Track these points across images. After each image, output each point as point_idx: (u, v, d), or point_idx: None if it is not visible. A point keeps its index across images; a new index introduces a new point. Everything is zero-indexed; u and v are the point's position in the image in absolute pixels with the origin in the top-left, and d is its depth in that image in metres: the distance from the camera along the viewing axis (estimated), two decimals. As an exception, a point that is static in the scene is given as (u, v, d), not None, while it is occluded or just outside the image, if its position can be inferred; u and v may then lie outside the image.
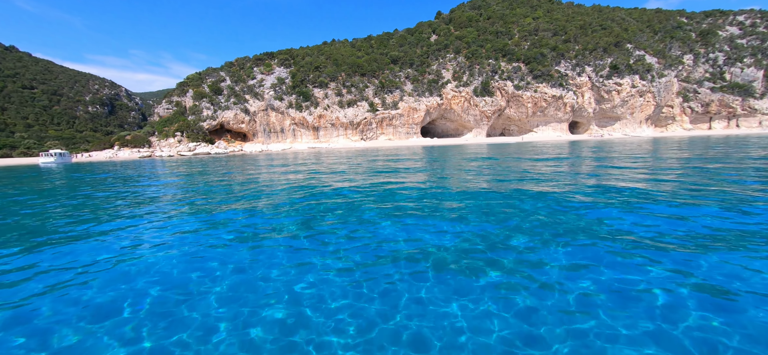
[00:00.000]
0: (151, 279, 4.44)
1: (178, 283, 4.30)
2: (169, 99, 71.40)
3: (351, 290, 3.85)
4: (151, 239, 6.29)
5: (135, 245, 5.91)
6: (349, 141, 72.25)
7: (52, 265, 5.13)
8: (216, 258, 5.09)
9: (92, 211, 9.49)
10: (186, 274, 4.58)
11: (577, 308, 3.33)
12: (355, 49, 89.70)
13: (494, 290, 3.72)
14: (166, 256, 5.32)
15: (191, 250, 5.54)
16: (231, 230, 6.65)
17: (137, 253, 5.51)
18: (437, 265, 4.44)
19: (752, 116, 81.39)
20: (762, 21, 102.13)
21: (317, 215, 7.70)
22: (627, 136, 72.57)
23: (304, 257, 4.99)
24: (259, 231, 6.54)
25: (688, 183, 9.97)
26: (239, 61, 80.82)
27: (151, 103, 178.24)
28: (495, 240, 5.32)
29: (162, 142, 61.07)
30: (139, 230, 6.98)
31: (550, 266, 4.24)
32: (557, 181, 11.56)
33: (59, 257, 5.53)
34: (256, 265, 4.74)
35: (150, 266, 4.91)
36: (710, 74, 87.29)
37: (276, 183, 14.17)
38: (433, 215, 7.11)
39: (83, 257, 5.41)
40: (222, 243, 5.80)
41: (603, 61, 74.38)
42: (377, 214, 7.41)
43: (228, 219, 7.63)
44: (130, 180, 18.55)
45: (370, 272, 4.33)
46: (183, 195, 12.29)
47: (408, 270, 4.30)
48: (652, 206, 7.18)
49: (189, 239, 6.18)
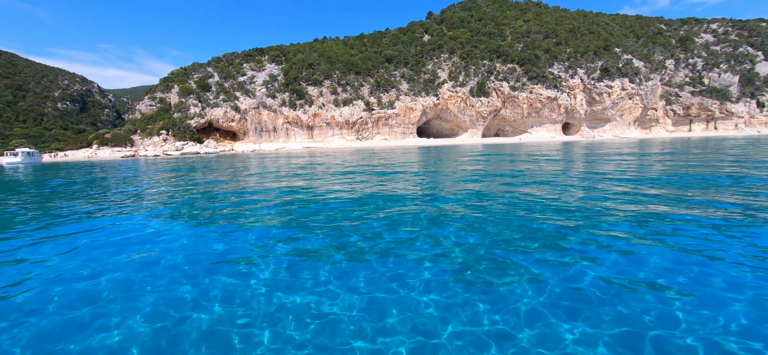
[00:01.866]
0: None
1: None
2: (151, 95, 66.95)
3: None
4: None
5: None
6: (344, 141, 70.22)
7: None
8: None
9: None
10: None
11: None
12: (348, 47, 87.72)
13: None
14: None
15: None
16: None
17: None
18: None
19: (729, 119, 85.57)
20: (733, 29, 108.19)
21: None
22: (617, 137, 74.37)
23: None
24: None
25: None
26: (227, 56, 77.06)
27: (125, 100, 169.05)
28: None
29: (146, 141, 56.97)
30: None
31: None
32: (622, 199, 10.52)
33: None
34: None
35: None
36: (690, 79, 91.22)
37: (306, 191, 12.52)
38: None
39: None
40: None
41: (594, 63, 76.01)
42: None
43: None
44: (119, 185, 16.21)
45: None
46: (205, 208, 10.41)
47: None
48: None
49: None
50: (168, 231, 6.95)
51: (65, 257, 5.55)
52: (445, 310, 3.49)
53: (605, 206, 7.70)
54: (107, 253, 5.68)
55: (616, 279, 4.04)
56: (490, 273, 4.34)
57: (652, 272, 4.24)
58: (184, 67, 71.68)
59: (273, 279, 4.41)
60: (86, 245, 6.18)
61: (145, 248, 5.84)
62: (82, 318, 3.56)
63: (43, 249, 6.03)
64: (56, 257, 5.59)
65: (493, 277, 4.23)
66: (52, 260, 5.41)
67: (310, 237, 6.17)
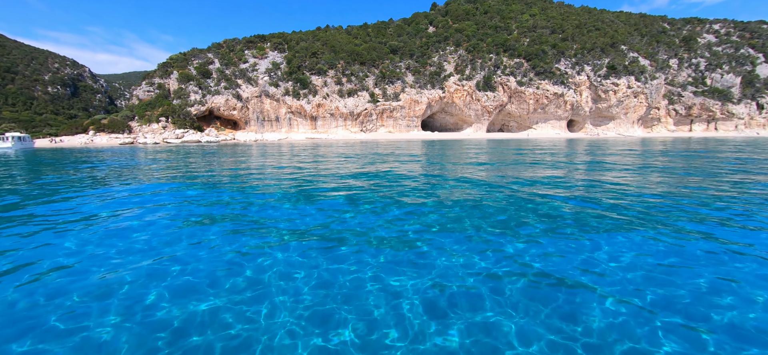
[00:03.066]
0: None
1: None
2: (149, 81, 64.55)
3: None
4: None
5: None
6: (348, 132, 68.86)
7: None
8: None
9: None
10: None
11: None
12: (352, 36, 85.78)
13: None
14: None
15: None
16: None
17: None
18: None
19: (729, 120, 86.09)
20: (735, 30, 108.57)
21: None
22: (620, 135, 74.22)
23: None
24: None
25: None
26: (228, 42, 74.62)
27: (117, 85, 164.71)
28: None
29: (145, 128, 54.95)
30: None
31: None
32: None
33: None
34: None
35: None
36: (693, 79, 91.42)
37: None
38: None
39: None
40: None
41: (601, 60, 75.45)
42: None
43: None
44: (126, 177, 14.98)
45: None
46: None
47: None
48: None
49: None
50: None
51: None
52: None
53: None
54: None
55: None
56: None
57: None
58: (183, 53, 69.22)
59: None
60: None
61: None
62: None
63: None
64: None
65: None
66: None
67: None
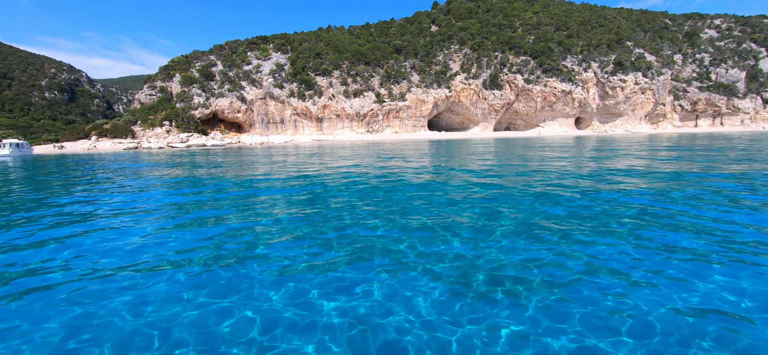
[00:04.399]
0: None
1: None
2: (151, 84, 63.14)
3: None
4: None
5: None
6: (354, 133, 67.77)
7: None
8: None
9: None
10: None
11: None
12: (354, 36, 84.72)
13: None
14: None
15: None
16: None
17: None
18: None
19: (735, 115, 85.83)
20: (736, 25, 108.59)
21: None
22: (628, 132, 73.65)
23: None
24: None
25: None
26: (230, 44, 73.30)
27: (114, 90, 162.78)
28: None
29: (148, 133, 53.55)
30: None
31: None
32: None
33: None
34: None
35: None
36: (697, 74, 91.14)
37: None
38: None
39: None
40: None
41: (607, 57, 74.89)
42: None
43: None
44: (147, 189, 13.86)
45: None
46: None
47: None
48: None
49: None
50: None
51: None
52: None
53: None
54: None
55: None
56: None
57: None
58: (185, 55, 67.83)
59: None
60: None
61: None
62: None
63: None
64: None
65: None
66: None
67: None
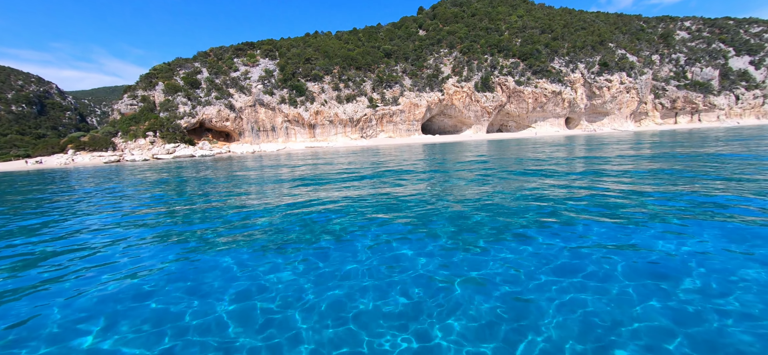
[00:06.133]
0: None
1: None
2: (132, 94, 59.66)
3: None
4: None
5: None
6: (348, 139, 66.28)
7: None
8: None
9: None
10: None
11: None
12: (343, 42, 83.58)
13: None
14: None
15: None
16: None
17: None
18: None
19: (711, 112, 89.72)
20: (705, 27, 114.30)
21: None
22: (616, 130, 75.44)
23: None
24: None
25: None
26: (215, 51, 70.59)
27: (87, 102, 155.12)
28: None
29: (130, 144, 50.26)
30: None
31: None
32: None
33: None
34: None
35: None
36: (674, 73, 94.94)
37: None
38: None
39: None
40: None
41: (592, 58, 76.75)
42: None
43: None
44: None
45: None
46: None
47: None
48: None
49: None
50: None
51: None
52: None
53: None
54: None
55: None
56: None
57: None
58: (167, 63, 64.67)
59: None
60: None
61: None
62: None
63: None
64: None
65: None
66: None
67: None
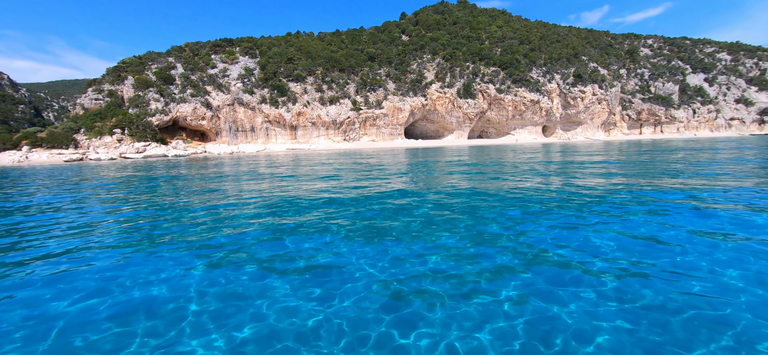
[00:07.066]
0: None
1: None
2: (97, 87, 55.40)
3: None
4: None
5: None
6: (331, 142, 64.98)
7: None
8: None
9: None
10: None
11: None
12: (326, 43, 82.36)
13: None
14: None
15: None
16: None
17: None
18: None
19: (672, 124, 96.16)
20: (665, 45, 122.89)
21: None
22: (588, 139, 78.94)
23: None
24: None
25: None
26: (191, 46, 67.19)
27: (42, 95, 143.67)
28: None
29: (95, 142, 46.46)
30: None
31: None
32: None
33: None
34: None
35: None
36: (639, 87, 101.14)
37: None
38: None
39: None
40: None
41: (567, 70, 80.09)
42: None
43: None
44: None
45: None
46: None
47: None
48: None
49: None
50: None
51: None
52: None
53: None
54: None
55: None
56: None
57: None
58: (138, 56, 60.75)
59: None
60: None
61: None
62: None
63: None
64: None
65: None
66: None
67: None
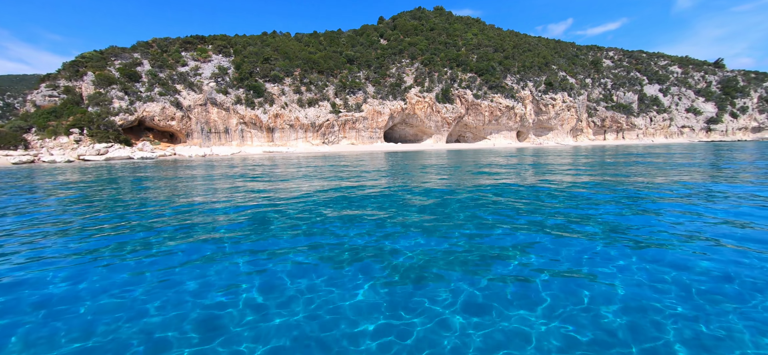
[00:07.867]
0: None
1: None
2: (51, 83, 50.61)
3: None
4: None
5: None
6: (309, 145, 63.43)
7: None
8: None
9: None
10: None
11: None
12: (303, 44, 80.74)
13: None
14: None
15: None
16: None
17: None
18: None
19: (633, 130, 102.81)
20: (624, 57, 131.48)
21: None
22: (559, 144, 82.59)
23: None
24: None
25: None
26: (160, 42, 63.27)
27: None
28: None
29: (49, 142, 42.30)
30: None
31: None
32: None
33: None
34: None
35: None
36: (603, 95, 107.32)
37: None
38: None
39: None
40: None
41: (539, 77, 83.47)
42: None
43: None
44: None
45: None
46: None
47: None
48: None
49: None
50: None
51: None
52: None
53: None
54: None
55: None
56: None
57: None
58: (99, 51, 56.27)
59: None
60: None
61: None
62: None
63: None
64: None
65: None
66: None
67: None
